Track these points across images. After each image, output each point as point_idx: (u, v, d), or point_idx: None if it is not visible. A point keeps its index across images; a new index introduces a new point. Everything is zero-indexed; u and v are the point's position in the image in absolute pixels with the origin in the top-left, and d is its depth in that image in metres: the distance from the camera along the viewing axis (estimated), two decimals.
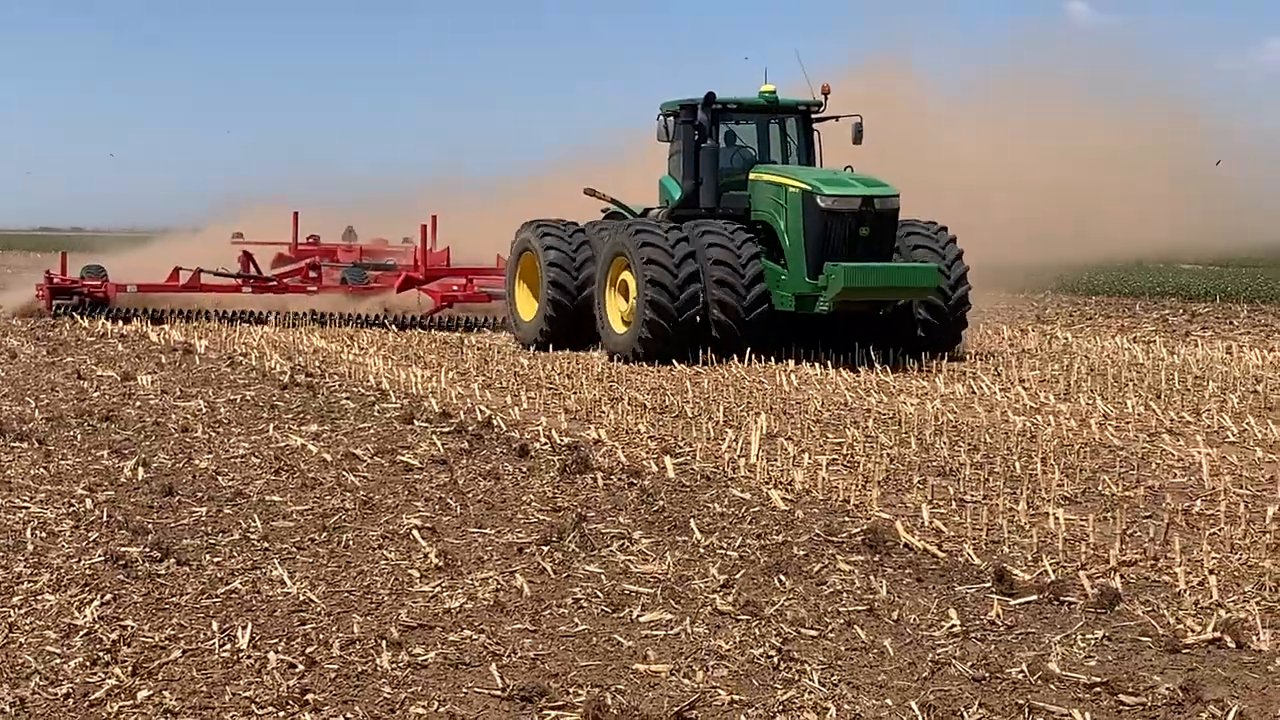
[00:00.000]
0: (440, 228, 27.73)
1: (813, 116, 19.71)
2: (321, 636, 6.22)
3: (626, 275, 18.59)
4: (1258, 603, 6.91)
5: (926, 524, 8.56)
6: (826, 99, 19.53)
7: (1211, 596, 6.97)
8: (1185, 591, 7.08)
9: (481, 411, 13.12)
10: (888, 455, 11.05)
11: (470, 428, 12.12)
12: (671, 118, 19.82)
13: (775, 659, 6.00)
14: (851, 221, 17.95)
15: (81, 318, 23.55)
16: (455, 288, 24.74)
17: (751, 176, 19.22)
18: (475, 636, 6.26)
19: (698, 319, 17.93)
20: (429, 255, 25.96)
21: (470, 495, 9.36)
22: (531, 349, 19.71)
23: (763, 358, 17.76)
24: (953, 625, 6.47)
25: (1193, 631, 6.41)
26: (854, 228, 17.95)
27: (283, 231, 32.75)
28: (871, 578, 7.27)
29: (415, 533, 8.18)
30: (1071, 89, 31.73)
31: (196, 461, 10.52)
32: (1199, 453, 11.10)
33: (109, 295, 24.19)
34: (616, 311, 18.90)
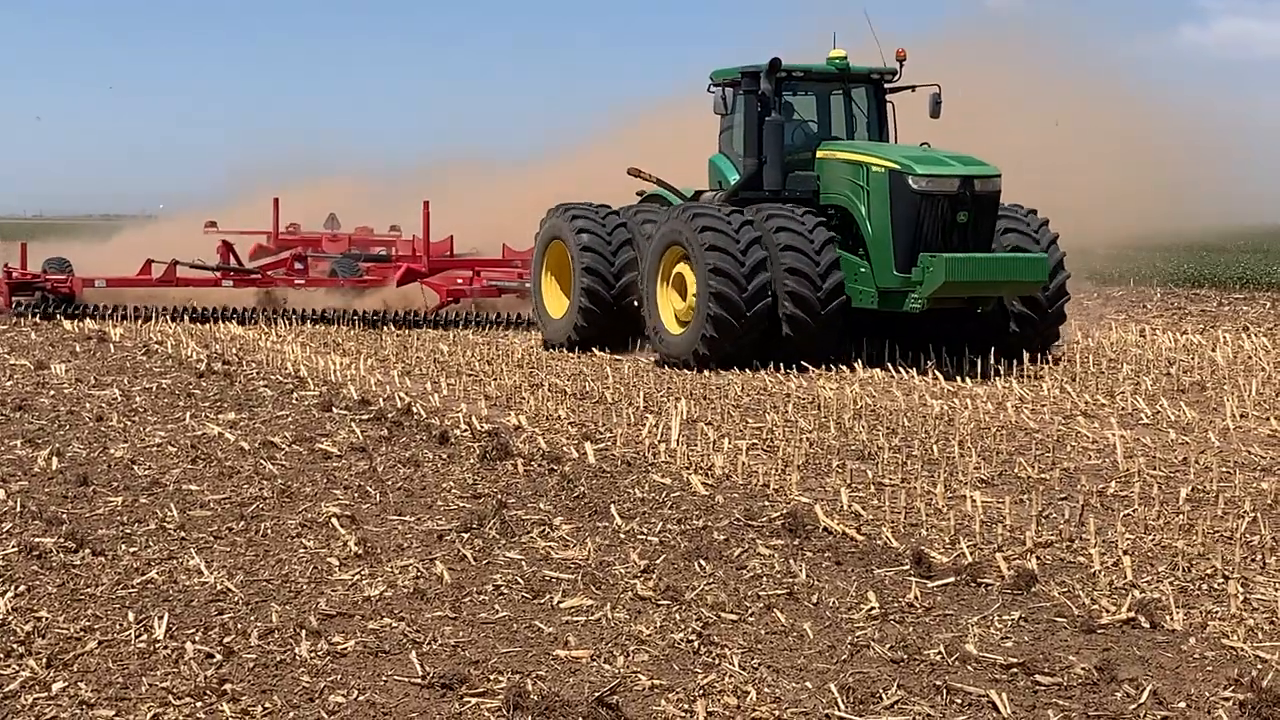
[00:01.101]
0: (432, 215, 25.19)
1: (886, 86, 17.37)
2: (239, 626, 6.16)
3: (683, 268, 16.31)
4: (1171, 583, 7.01)
5: (846, 507, 8.60)
6: (902, 66, 17.20)
7: (1126, 577, 7.06)
8: (1100, 572, 7.16)
9: (401, 398, 13.06)
10: (807, 439, 11.10)
11: (389, 415, 12.06)
12: (729, 88, 17.38)
13: (696, 643, 6.01)
14: (948, 206, 15.67)
15: (42, 318, 21.71)
16: (460, 281, 22.79)
17: (820, 154, 16.95)
18: (395, 624, 6.23)
19: (766, 315, 15.72)
20: (430, 244, 23.68)
21: (389, 483, 9.31)
22: (561, 350, 17.80)
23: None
24: (871, 608, 6.51)
25: (1108, 612, 6.48)
26: (951, 213, 15.67)
27: (258, 220, 30.69)
28: (791, 561, 7.31)
29: (334, 521, 8.13)
30: (993, 75, 31.53)
31: (112, 451, 10.40)
32: (1113, 435, 11.23)
33: (75, 291, 22.27)
34: (670, 310, 16.59)
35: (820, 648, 6.02)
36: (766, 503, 8.76)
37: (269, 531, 7.93)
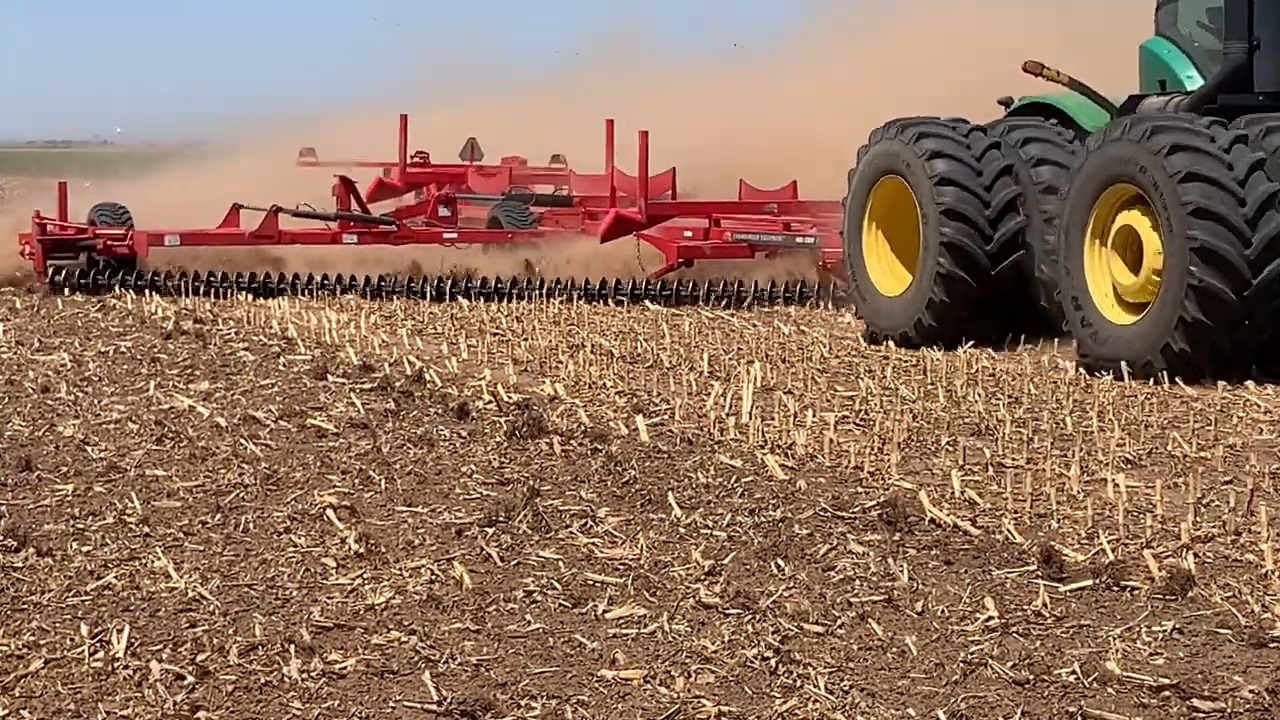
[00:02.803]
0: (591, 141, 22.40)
1: None
2: (216, 641, 6.21)
3: (1132, 217, 13.03)
4: None
5: (957, 494, 8.58)
6: None
7: None
8: (1273, 573, 7.12)
9: (411, 363, 13.11)
10: (910, 411, 11.08)
11: (397, 383, 12.11)
12: None
13: (772, 661, 6.02)
14: None
15: (90, 291, 18.55)
16: (688, 234, 20.25)
17: None
18: (405, 639, 6.26)
19: None
20: (645, 182, 20.07)
21: (398, 466, 9.36)
22: (901, 342, 14.74)
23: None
24: (989, 617, 6.50)
25: None
26: None
27: (361, 148, 27.70)
28: (890, 561, 7.30)
29: (330, 513, 8.17)
30: None
31: (60, 429, 10.49)
32: None
33: (138, 250, 19.13)
34: (1106, 283, 13.31)
35: (926, 666, 6.01)
36: (860, 489, 8.75)
37: (251, 526, 7.99)
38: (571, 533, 7.83)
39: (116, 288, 18.60)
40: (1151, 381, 12.32)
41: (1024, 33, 19.28)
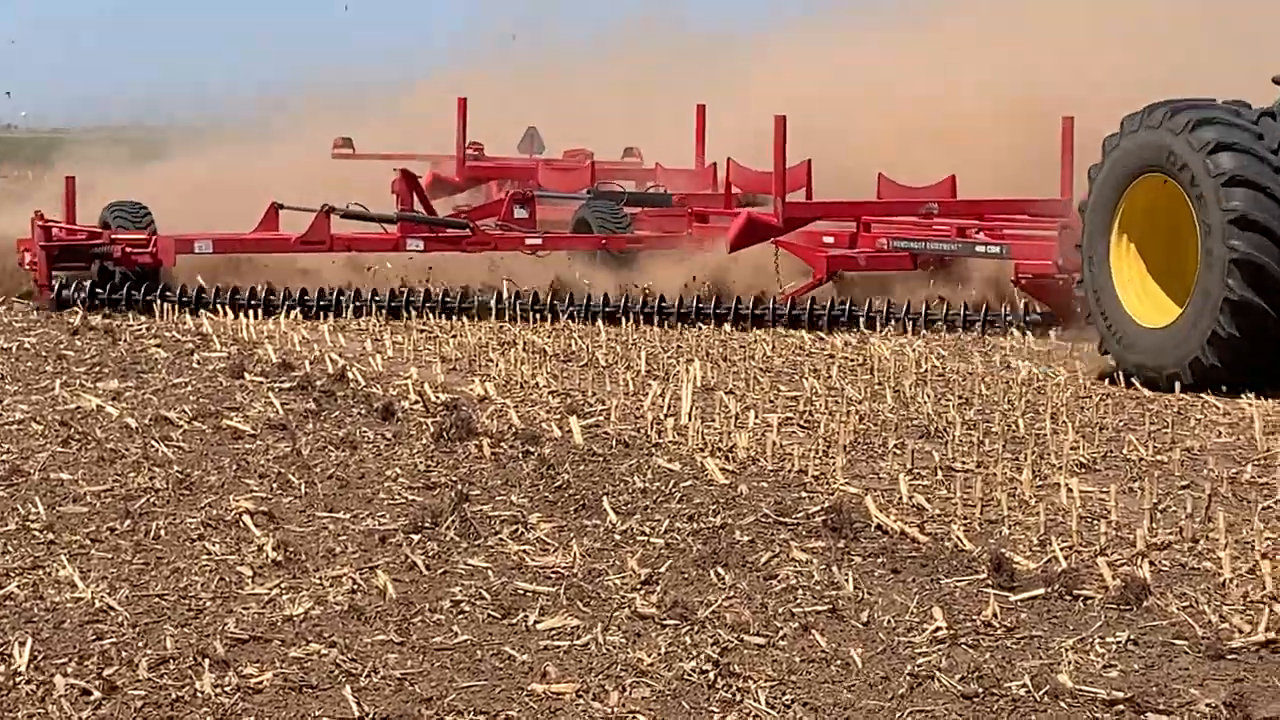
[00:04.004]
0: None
1: None
2: (124, 654, 6.18)
3: (1166, 213, 12.63)
4: None
5: (905, 500, 8.61)
6: None
7: (1264, 588, 7.07)
8: (1231, 582, 7.18)
9: (332, 361, 13.07)
10: (856, 413, 11.11)
11: (318, 382, 12.08)
12: None
13: (711, 674, 6.02)
14: None
15: (101, 307, 16.33)
16: (827, 239, 17.85)
17: None
18: (325, 651, 6.24)
19: None
20: (779, 176, 17.54)
21: (318, 470, 9.33)
22: (1167, 385, 12.33)
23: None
24: (937, 628, 6.52)
25: (1241, 632, 6.50)
26: None
27: (371, 139, 25.98)
28: (835, 569, 7.32)
29: (246, 519, 8.14)
30: None
31: None
32: (1249, 405, 11.23)
33: (162, 259, 16.91)
34: (1135, 284, 13.00)
35: (871, 679, 6.03)
36: (803, 494, 8.77)
37: (162, 533, 7.95)
38: (501, 540, 7.82)
39: (141, 306, 16.39)
40: (1108, 382, 12.41)
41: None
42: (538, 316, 16.14)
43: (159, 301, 16.36)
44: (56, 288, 16.54)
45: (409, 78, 33.45)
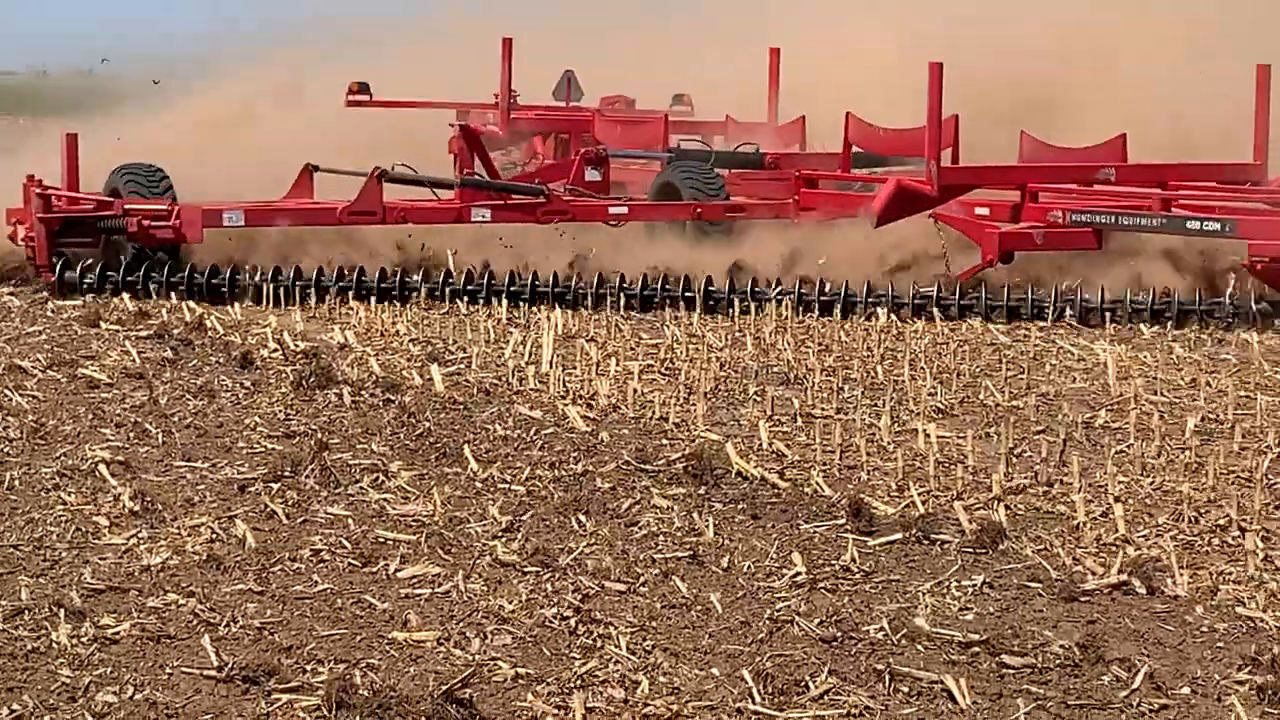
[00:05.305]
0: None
1: None
2: None
3: None
4: (1174, 537, 7.15)
5: (765, 446, 8.67)
6: None
7: (1117, 530, 7.19)
8: (1085, 525, 7.29)
9: (190, 309, 12.94)
10: (717, 360, 11.15)
11: (175, 330, 11.96)
12: None
13: (572, 621, 6.04)
14: None
15: (122, 291, 13.64)
16: (979, 211, 14.88)
17: None
18: (183, 601, 6.20)
19: None
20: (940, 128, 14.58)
21: (176, 419, 9.25)
22: None
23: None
24: (797, 573, 6.57)
25: (1094, 575, 6.60)
26: None
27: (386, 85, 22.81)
28: (695, 516, 7.36)
29: (103, 468, 8.05)
30: None
31: None
32: (1104, 351, 11.40)
33: (187, 233, 14.04)
34: None
35: (731, 624, 6.07)
36: (665, 441, 8.80)
37: (16, 483, 7.85)
38: (362, 488, 7.79)
39: (162, 291, 13.69)
40: (964, 328, 12.54)
41: None
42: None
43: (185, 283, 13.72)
44: (60, 266, 13.77)
45: (423, 12, 29.82)
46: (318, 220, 14.84)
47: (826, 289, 13.43)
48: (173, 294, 13.53)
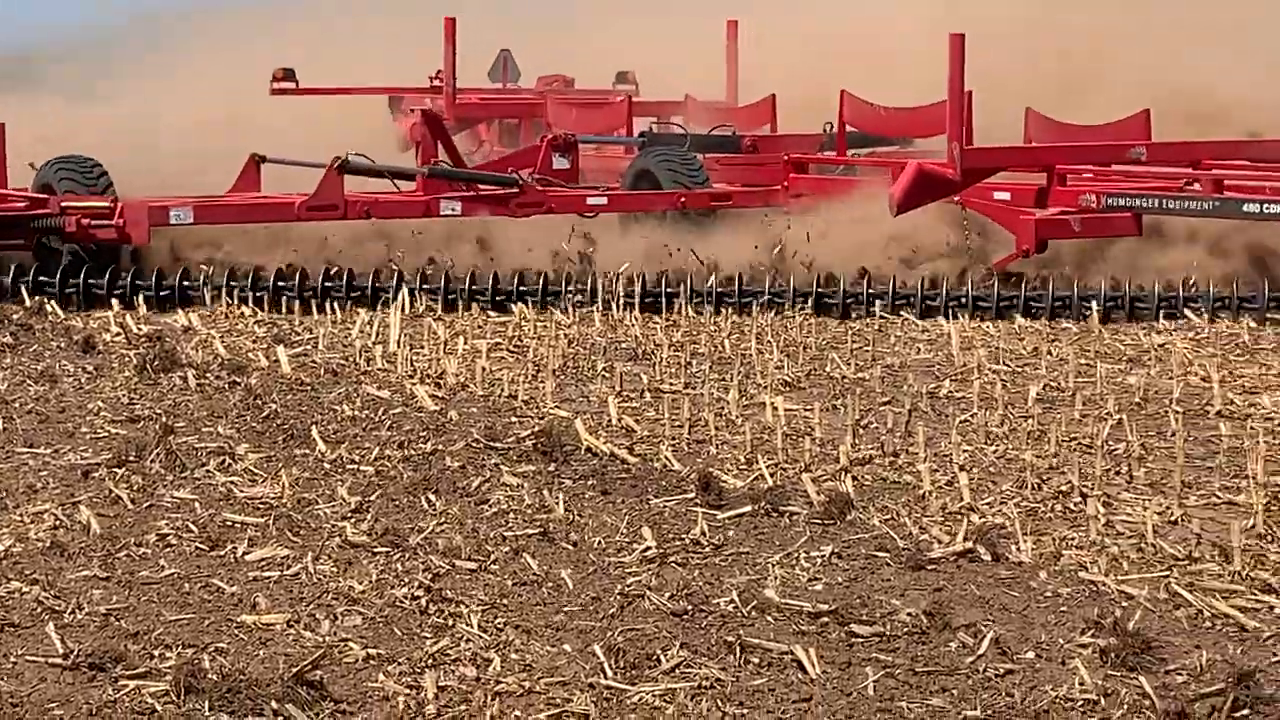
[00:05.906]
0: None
1: None
2: None
3: None
4: (1017, 504, 7.25)
5: (615, 422, 8.69)
6: None
7: (962, 499, 7.28)
8: (931, 494, 7.37)
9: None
10: (565, 337, 11.17)
11: (15, 316, 11.79)
12: None
13: (423, 600, 6.03)
14: None
15: (69, 302, 12.43)
16: (999, 196, 13.79)
17: None
18: (26, 589, 6.12)
19: None
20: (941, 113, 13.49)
21: (17, 405, 9.13)
22: None
23: None
24: (647, 548, 6.60)
25: (940, 543, 6.68)
26: None
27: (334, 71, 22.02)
28: (545, 492, 7.36)
29: None
30: None
31: None
32: (947, 323, 11.52)
33: (131, 233, 12.82)
34: None
35: (582, 601, 6.09)
36: (514, 419, 8.80)
37: None
38: (208, 471, 7.72)
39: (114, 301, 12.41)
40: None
41: None
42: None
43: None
44: None
45: None
46: (274, 216, 13.76)
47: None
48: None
